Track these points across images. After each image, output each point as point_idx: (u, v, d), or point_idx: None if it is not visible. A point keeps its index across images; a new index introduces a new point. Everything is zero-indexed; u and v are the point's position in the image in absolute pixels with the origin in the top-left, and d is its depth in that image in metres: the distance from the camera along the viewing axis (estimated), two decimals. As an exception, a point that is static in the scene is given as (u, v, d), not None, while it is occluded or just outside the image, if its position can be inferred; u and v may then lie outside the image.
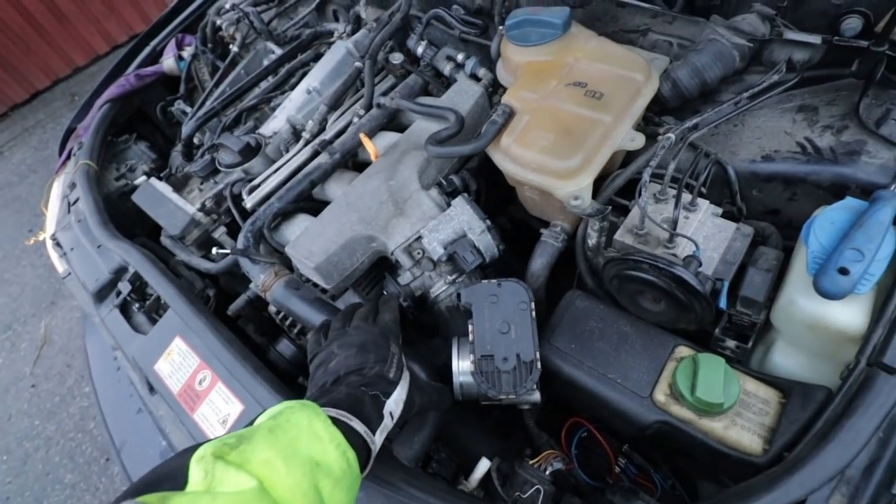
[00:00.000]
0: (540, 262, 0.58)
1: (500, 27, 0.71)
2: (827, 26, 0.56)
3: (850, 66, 0.56)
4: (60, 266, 0.92)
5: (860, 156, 0.50)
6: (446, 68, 0.81)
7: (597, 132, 0.54)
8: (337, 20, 1.16)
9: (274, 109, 0.94)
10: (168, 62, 1.22)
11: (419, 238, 0.58)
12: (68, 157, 1.13)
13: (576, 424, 0.62)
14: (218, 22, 1.18)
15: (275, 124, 0.86)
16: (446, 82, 0.82)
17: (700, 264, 0.45)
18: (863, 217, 0.42)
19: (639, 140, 0.55)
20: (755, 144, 0.57)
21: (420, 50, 0.83)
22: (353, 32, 0.98)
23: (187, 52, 1.22)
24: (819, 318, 0.43)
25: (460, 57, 0.79)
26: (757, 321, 0.47)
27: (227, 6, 1.18)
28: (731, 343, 0.50)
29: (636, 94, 0.57)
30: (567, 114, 0.57)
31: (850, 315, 0.42)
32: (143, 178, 0.98)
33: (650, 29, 0.66)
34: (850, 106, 0.54)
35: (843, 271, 0.39)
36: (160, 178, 0.89)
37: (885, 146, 0.49)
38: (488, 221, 0.58)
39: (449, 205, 0.60)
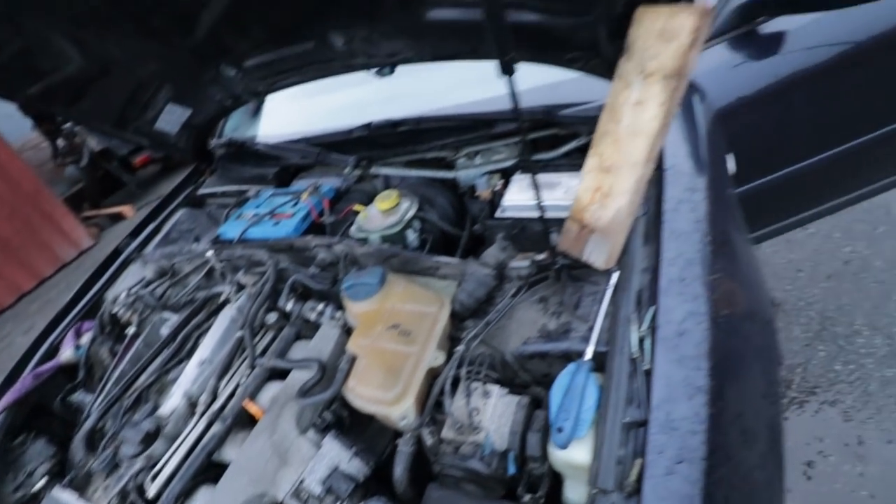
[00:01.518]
0: (400, 469, 0.75)
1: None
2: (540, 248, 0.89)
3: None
4: None
5: (570, 332, 0.78)
6: (312, 316, 1.04)
7: (409, 362, 0.77)
8: (225, 277, 1.40)
9: (174, 381, 1.09)
10: (66, 354, 1.33)
11: (302, 481, 0.73)
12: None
13: None
14: (114, 310, 1.35)
15: (172, 402, 1.00)
16: (314, 326, 1.05)
17: (485, 451, 0.66)
18: (570, 381, 0.67)
19: (440, 357, 0.79)
20: (518, 333, 0.83)
21: (289, 307, 1.07)
22: (238, 292, 1.21)
23: (85, 339, 1.34)
24: (567, 461, 0.64)
25: (320, 307, 1.04)
26: (543, 472, 0.68)
27: (123, 294, 1.37)
28: (527, 497, 0.69)
29: (434, 322, 0.83)
30: (389, 352, 0.80)
31: (580, 454, 0.64)
32: (44, 481, 1.03)
33: (438, 268, 0.96)
34: (561, 295, 0.84)
35: (560, 429, 0.62)
36: (63, 482, 0.95)
37: (582, 322, 0.78)
38: (354, 448, 0.75)
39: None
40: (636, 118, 0.73)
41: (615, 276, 0.78)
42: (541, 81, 1.09)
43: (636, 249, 0.79)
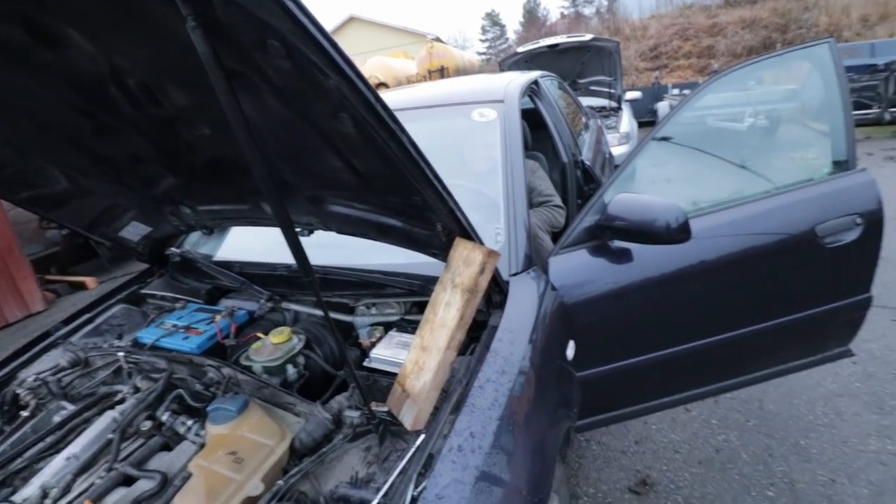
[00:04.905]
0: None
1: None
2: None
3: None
4: None
5: (371, 482, 0.92)
6: (181, 430, 1.16)
7: (230, 488, 0.90)
8: (131, 377, 1.52)
9: (40, 470, 1.16)
10: (-43, 426, 1.40)
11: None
12: None
13: None
14: (18, 390, 1.45)
15: (28, 490, 1.08)
16: (181, 439, 1.16)
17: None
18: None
19: (259, 488, 0.92)
20: (337, 476, 0.97)
21: (164, 417, 1.20)
22: (135, 393, 1.33)
23: (-19, 414, 1.42)
24: None
25: (190, 422, 1.17)
26: None
27: (31, 378, 1.48)
28: None
29: (269, 455, 0.97)
30: (217, 476, 0.93)
31: None
32: None
33: (295, 405, 1.12)
34: (379, 447, 0.99)
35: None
36: None
37: (384, 474, 0.92)
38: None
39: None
40: (445, 314, 0.96)
41: (420, 438, 0.94)
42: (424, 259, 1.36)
43: (443, 416, 0.97)
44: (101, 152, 1.17)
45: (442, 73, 16.27)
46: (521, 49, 5.65)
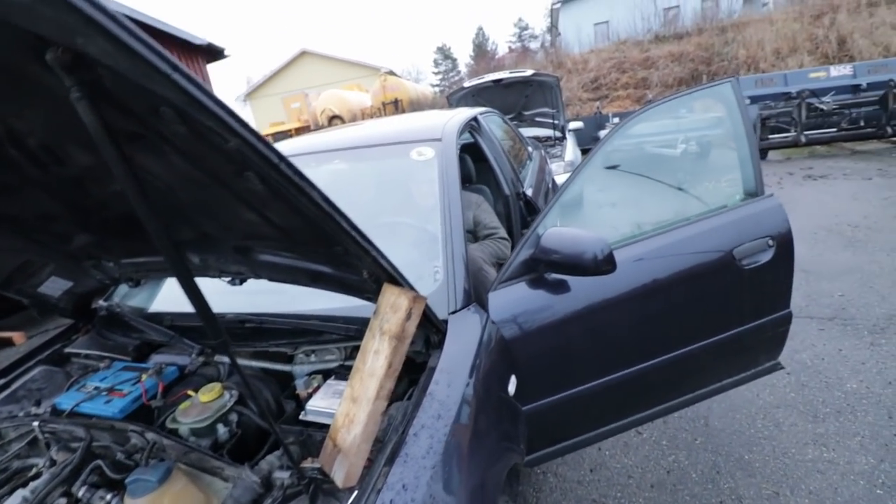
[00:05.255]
0: None
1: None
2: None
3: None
4: None
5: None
6: (99, 504, 1.07)
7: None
8: (49, 448, 1.39)
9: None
10: None
11: None
12: None
13: None
14: (-89, 475, 1.30)
15: None
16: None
17: None
18: None
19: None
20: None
21: (81, 493, 1.10)
22: (52, 466, 1.22)
23: None
24: None
25: (109, 496, 1.08)
26: None
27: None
28: None
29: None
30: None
31: None
32: None
33: (223, 469, 1.06)
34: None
35: None
36: None
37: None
38: None
39: None
40: (373, 363, 0.95)
41: (353, 496, 0.91)
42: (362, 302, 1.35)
43: (377, 469, 0.94)
44: (4, 211, 1.11)
45: (396, 105, 16.58)
46: (467, 84, 5.85)
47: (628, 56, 13.30)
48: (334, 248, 0.95)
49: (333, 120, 16.78)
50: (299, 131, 16.39)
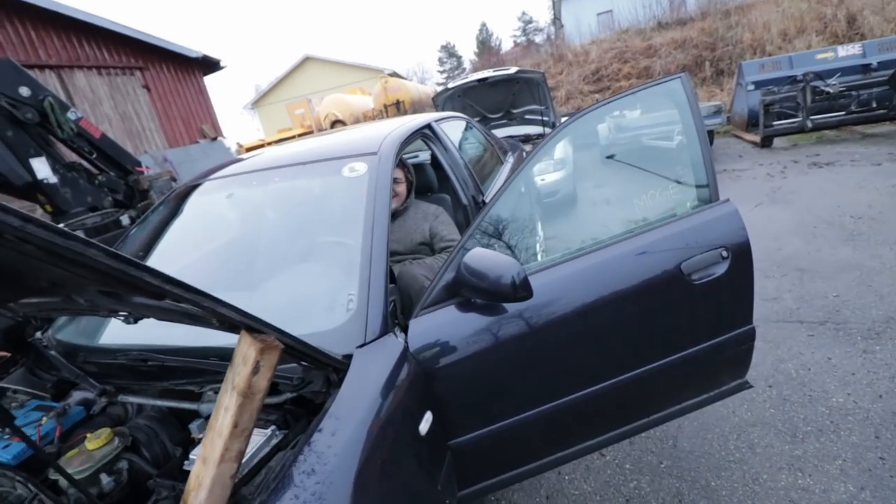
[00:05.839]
0: None
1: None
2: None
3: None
4: None
5: None
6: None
7: None
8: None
9: None
10: None
11: None
12: None
13: None
14: None
15: None
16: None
17: None
18: None
19: None
20: None
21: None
22: None
23: None
24: None
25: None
26: None
27: None
28: None
29: None
30: None
31: None
32: None
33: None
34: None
35: None
36: None
37: None
38: None
39: None
40: (222, 421, 0.86)
41: (202, 570, 0.82)
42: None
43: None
44: None
45: (398, 106, 16.51)
46: (451, 84, 5.72)
47: (630, 45, 12.97)
48: (179, 305, 0.85)
49: (336, 124, 16.80)
50: (303, 137, 16.45)
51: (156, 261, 1.80)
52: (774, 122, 7.19)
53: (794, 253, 3.61)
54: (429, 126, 2.38)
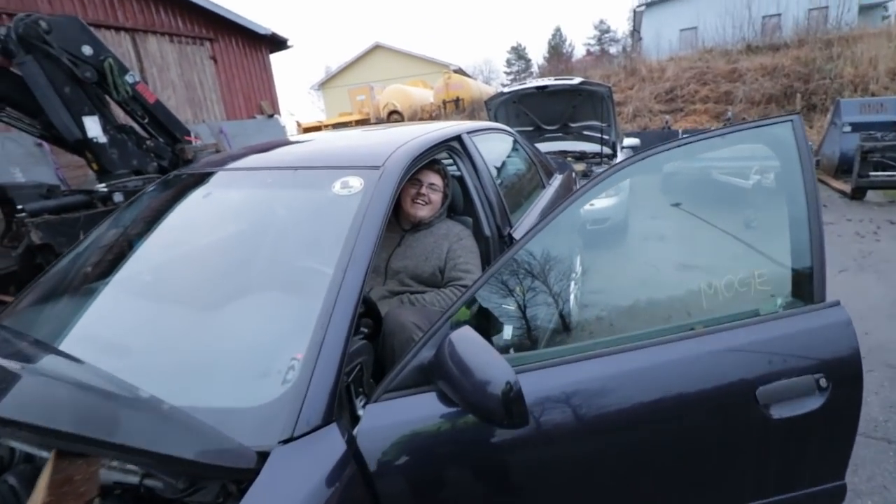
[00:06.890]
0: None
1: None
2: None
3: None
4: None
5: None
6: None
7: None
8: None
9: None
10: None
11: None
12: None
13: None
14: None
15: None
16: None
17: None
18: None
19: None
20: None
21: None
22: None
23: None
24: None
25: None
26: None
27: None
28: None
29: None
30: None
31: None
32: None
33: None
34: None
35: None
36: None
37: None
38: None
39: None
40: None
41: None
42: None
43: None
44: None
45: (457, 103, 16.19)
46: (507, 89, 5.31)
47: (712, 66, 11.98)
48: None
49: (392, 115, 16.71)
50: (360, 123, 16.49)
51: (102, 259, 1.55)
52: (871, 173, 6.28)
53: (886, 342, 2.96)
54: (458, 138, 2.01)
